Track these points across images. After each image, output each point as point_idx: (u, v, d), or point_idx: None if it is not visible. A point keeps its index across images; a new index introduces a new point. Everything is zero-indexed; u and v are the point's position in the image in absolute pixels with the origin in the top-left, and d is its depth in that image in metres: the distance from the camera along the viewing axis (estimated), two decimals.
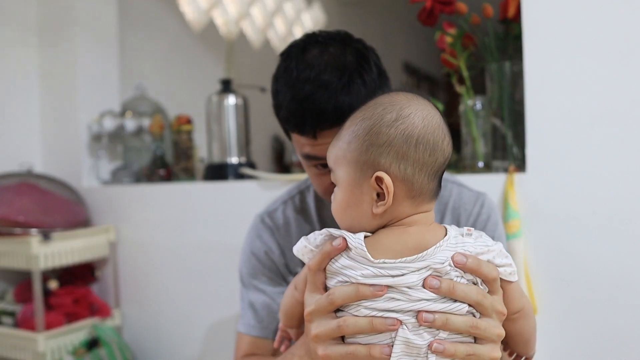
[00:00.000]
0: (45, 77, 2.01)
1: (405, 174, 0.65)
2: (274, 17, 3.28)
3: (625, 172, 1.07)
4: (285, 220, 1.05)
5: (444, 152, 0.67)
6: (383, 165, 0.65)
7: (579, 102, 1.10)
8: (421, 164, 0.65)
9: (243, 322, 1.04)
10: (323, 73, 0.82)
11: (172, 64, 2.56)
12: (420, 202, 0.67)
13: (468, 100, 1.27)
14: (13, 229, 1.64)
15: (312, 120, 0.82)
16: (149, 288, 1.77)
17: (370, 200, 0.66)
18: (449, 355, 0.62)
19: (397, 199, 0.65)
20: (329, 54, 0.84)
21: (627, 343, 1.08)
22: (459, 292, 0.63)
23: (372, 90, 0.83)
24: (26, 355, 1.62)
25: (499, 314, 0.66)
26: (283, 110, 0.87)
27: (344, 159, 0.68)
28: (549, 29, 1.12)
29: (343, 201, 0.69)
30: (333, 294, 0.64)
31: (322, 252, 0.66)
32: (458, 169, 1.31)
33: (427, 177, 0.66)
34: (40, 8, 2.01)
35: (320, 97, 0.81)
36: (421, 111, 0.67)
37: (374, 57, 0.88)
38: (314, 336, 0.66)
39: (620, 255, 1.07)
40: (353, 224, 0.68)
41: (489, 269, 0.65)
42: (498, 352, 0.67)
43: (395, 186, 0.65)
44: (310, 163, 0.89)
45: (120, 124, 1.88)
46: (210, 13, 2.83)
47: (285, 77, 0.86)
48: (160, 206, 1.73)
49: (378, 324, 0.62)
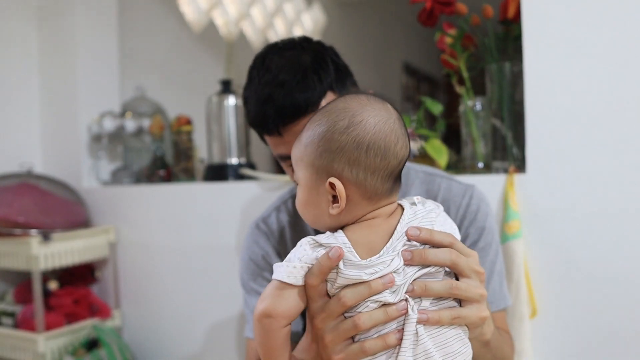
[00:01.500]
0: (45, 78, 2.01)
1: (358, 178, 0.68)
2: (274, 18, 3.28)
3: (625, 172, 1.07)
4: (279, 224, 1.07)
5: (396, 155, 0.69)
6: (336, 170, 0.68)
7: (578, 102, 1.10)
8: (372, 168, 0.68)
9: (249, 328, 1.05)
10: (279, 74, 0.87)
11: (172, 65, 2.56)
12: (377, 201, 0.70)
13: (468, 100, 1.27)
14: (13, 229, 1.64)
15: (274, 118, 0.87)
16: (149, 289, 1.77)
17: (327, 202, 0.70)
18: (434, 322, 0.65)
19: (353, 201, 0.69)
20: (285, 57, 0.90)
21: (627, 343, 1.08)
22: (431, 257, 0.66)
23: (329, 85, 0.87)
24: (26, 355, 1.62)
25: (477, 274, 0.69)
26: (250, 114, 0.92)
27: (302, 162, 0.72)
28: (548, 29, 1.12)
29: (304, 199, 0.73)
30: (344, 296, 0.65)
31: (321, 268, 0.66)
32: (458, 169, 1.31)
33: (380, 179, 0.69)
34: (40, 9, 2.01)
35: (277, 95, 0.86)
36: (373, 117, 0.69)
37: (332, 55, 0.93)
38: (330, 341, 0.67)
39: (620, 256, 1.07)
40: (315, 221, 0.73)
41: (441, 237, 0.67)
42: (485, 311, 0.69)
43: (349, 189, 0.68)
44: (287, 163, 0.92)
45: (120, 125, 1.88)
46: (210, 13, 2.83)
47: (250, 85, 0.92)
48: (161, 207, 1.73)
49: (392, 311, 0.64)
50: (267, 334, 0.70)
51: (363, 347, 0.65)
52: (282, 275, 0.68)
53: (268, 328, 0.69)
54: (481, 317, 0.68)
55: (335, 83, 0.89)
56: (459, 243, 0.69)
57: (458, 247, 0.68)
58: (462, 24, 1.28)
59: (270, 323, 0.69)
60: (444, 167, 1.27)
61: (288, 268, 0.68)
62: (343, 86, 0.91)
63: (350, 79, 0.94)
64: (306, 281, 0.67)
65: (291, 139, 0.87)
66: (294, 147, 0.75)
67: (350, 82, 0.93)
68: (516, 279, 1.13)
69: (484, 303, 0.69)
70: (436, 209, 0.72)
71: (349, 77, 0.93)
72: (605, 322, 1.09)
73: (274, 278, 0.69)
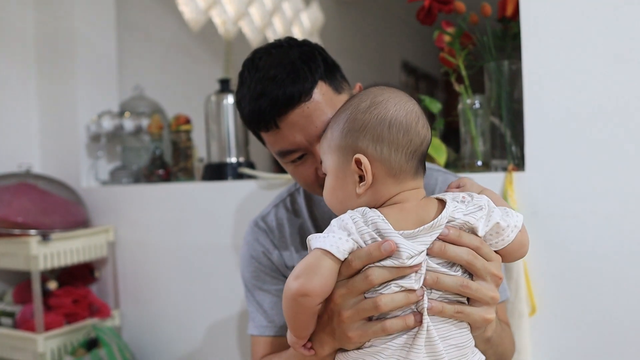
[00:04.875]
0: (43, 77, 2.01)
1: (382, 154, 0.71)
2: (273, 17, 3.28)
3: (623, 171, 1.07)
4: (278, 222, 1.07)
5: (418, 133, 0.72)
6: (361, 147, 0.71)
7: (577, 100, 1.10)
8: (396, 144, 0.71)
9: (254, 325, 1.05)
10: (270, 70, 0.88)
11: (171, 64, 2.56)
12: (402, 180, 0.72)
13: (467, 99, 1.27)
14: (12, 229, 1.64)
15: (270, 111, 0.87)
16: (149, 288, 1.77)
17: (354, 182, 0.72)
18: (436, 312, 0.67)
19: (379, 178, 0.71)
20: (274, 55, 0.91)
21: (627, 342, 1.08)
22: (450, 252, 0.68)
23: (320, 75, 0.88)
24: (26, 356, 1.62)
25: (493, 277, 0.70)
26: (246, 113, 0.92)
27: (329, 148, 0.76)
28: (547, 27, 1.12)
29: (331, 186, 0.75)
30: (372, 275, 0.67)
31: (370, 256, 0.67)
32: (457, 167, 1.31)
33: (404, 156, 0.71)
34: (38, 9, 2.00)
35: (271, 89, 0.87)
36: (393, 98, 0.73)
37: (319, 51, 0.94)
38: (347, 318, 0.69)
39: (619, 254, 1.08)
40: (341, 206, 0.74)
41: (469, 240, 0.69)
42: (491, 314, 0.70)
43: (374, 166, 0.71)
44: (286, 160, 0.92)
45: (118, 124, 1.88)
46: (208, 12, 2.83)
47: (242, 87, 0.92)
48: (159, 206, 1.73)
49: (412, 296, 0.66)
50: (302, 311, 0.70)
51: (384, 326, 0.67)
52: (326, 244, 0.67)
53: (304, 306, 0.69)
54: (485, 318, 0.69)
55: (326, 74, 0.90)
56: (486, 247, 0.70)
57: (483, 251, 0.69)
58: (460, 22, 1.28)
59: (307, 302, 0.68)
60: (442, 165, 1.27)
61: (334, 239, 0.67)
62: (334, 78, 0.91)
63: (340, 73, 0.95)
64: (350, 261, 0.68)
65: (288, 130, 0.87)
66: (322, 140, 0.79)
67: (339, 75, 0.94)
68: (515, 277, 1.13)
69: (493, 306, 0.70)
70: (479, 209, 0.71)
71: (338, 71, 0.95)
72: (603, 319, 1.10)
73: (315, 247, 0.68)
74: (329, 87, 0.89)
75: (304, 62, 0.88)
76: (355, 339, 0.69)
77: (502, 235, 0.71)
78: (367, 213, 0.69)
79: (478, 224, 0.69)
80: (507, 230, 0.71)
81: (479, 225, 0.69)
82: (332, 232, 0.68)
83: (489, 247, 0.71)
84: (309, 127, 0.86)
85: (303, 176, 0.93)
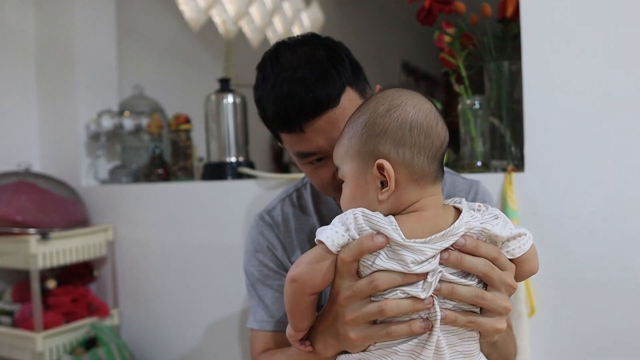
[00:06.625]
0: (43, 76, 2.01)
1: (405, 157, 0.68)
2: (273, 16, 3.28)
3: (623, 172, 1.07)
4: (284, 216, 1.06)
5: (439, 135, 0.70)
6: (382, 152, 0.69)
7: (577, 101, 1.10)
8: (418, 147, 0.69)
9: (255, 319, 1.04)
10: (297, 71, 0.86)
11: (171, 63, 2.56)
12: (424, 185, 0.69)
13: (466, 99, 1.27)
14: (11, 228, 1.64)
15: (296, 115, 0.85)
16: (148, 287, 1.77)
17: (375, 189, 0.69)
18: (449, 321, 0.66)
19: (401, 184, 0.69)
20: (300, 53, 0.89)
21: (626, 343, 1.08)
22: (467, 262, 0.66)
23: (347, 80, 0.87)
24: (24, 354, 1.62)
25: (508, 287, 0.69)
26: (268, 113, 0.90)
27: (347, 155, 0.72)
28: (547, 28, 1.12)
29: (350, 193, 0.72)
30: (378, 280, 0.66)
31: (361, 247, 0.66)
32: (457, 168, 1.31)
33: (426, 159, 0.69)
34: (38, 9, 2.00)
35: (298, 92, 0.85)
36: (412, 100, 0.71)
37: (344, 50, 0.92)
38: (350, 320, 0.68)
39: (618, 255, 1.08)
40: None
41: (487, 250, 0.67)
42: (503, 324, 0.69)
43: (397, 171, 0.68)
44: (304, 160, 0.91)
45: (118, 123, 1.88)
46: (208, 12, 2.83)
47: (265, 83, 0.90)
48: (159, 205, 1.73)
49: (419, 305, 0.65)
50: (292, 297, 0.71)
51: (388, 330, 0.66)
52: (322, 236, 0.68)
53: (294, 292, 0.71)
54: (497, 328, 0.69)
55: (352, 78, 0.89)
56: (503, 257, 0.69)
57: (500, 262, 0.68)
58: (460, 23, 1.28)
59: (296, 288, 0.70)
60: None
61: (331, 231, 0.68)
62: (359, 81, 0.91)
63: (363, 74, 0.94)
64: (339, 254, 0.68)
65: (312, 134, 0.86)
66: (336, 146, 0.76)
67: (363, 77, 0.93)
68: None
69: (505, 316, 0.70)
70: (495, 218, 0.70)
71: (362, 72, 0.93)
72: (602, 320, 1.10)
73: (317, 239, 0.69)
74: (355, 92, 0.88)
75: (332, 65, 0.87)
76: (358, 342, 0.69)
77: (521, 241, 0.70)
78: (373, 218, 0.67)
79: (496, 229, 0.68)
80: (525, 238, 0.70)
81: (497, 230, 0.68)
82: (332, 225, 0.69)
83: (505, 257, 0.69)
84: (333, 132, 0.85)
85: (320, 178, 0.92)
